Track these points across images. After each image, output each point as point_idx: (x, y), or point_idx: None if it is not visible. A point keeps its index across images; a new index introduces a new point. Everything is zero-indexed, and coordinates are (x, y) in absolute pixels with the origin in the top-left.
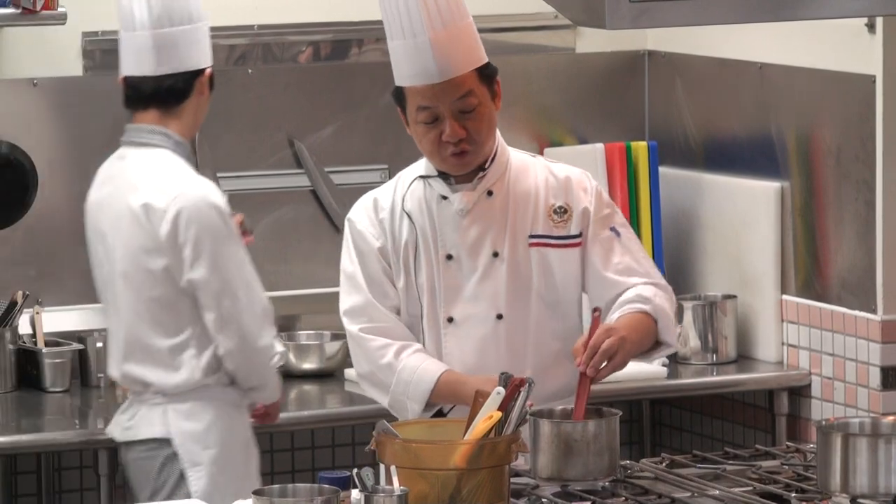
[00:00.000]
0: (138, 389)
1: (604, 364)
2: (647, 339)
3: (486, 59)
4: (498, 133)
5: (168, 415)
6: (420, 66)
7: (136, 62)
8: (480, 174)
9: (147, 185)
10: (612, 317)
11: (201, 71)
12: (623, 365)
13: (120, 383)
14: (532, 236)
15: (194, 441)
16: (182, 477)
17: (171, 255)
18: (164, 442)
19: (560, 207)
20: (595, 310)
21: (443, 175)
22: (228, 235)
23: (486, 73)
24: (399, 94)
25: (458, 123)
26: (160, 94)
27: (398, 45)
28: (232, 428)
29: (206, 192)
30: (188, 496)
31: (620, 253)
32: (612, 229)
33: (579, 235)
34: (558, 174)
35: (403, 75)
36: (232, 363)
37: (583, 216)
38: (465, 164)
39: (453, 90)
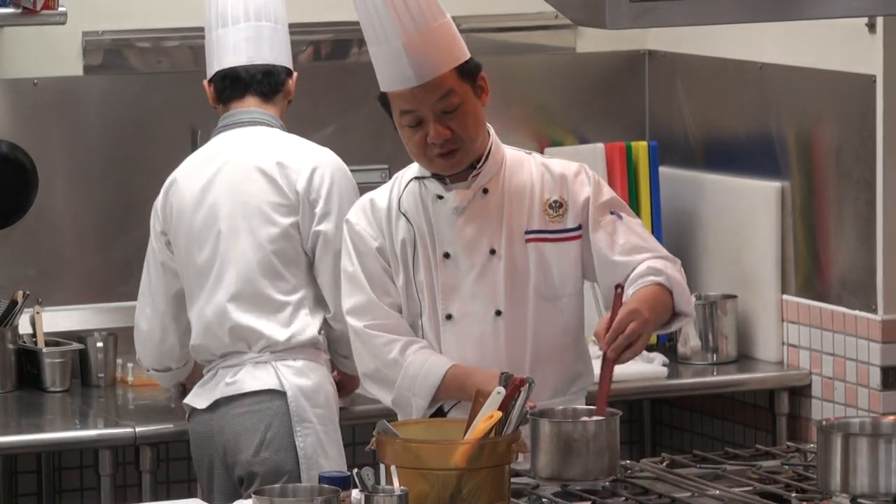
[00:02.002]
0: (241, 349)
1: (626, 347)
2: (664, 313)
3: (465, 57)
4: (492, 131)
5: (280, 370)
6: (397, 70)
7: (233, 54)
8: (475, 172)
9: (276, 148)
10: (627, 292)
11: (290, 73)
12: (643, 348)
13: (205, 354)
14: (528, 232)
15: (305, 397)
16: (290, 433)
17: (302, 211)
18: (276, 395)
19: (555, 202)
20: (617, 286)
21: (437, 175)
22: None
23: (467, 71)
24: (384, 99)
25: (441, 125)
26: (257, 81)
27: (375, 50)
28: (333, 393)
29: (338, 159)
30: (295, 452)
31: (625, 234)
32: (614, 213)
33: (578, 228)
34: (553, 169)
35: (384, 80)
36: (339, 325)
37: (582, 208)
38: (453, 164)
39: (433, 91)
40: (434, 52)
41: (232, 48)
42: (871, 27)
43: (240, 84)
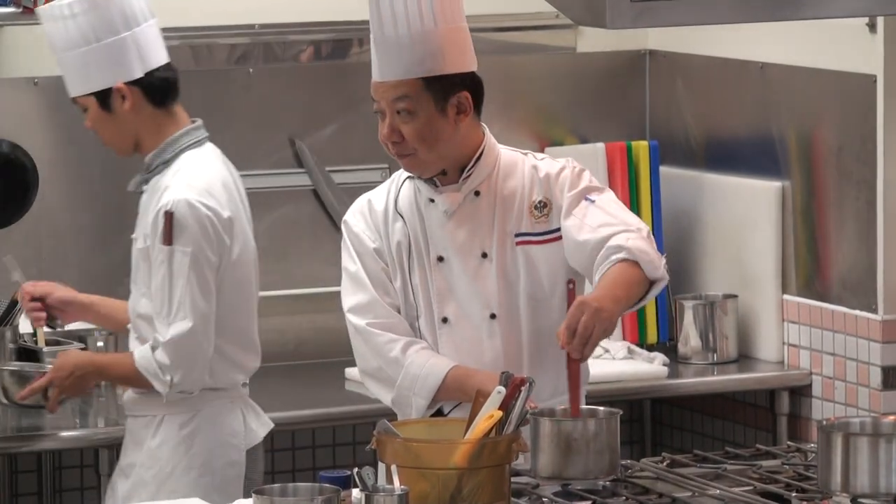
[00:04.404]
0: None
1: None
2: (635, 288)
3: (441, 71)
4: (487, 132)
5: None
6: (374, 62)
7: (161, 49)
8: (464, 175)
9: None
10: (595, 278)
11: None
12: (606, 335)
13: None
14: (518, 235)
15: None
16: None
17: None
18: None
19: (540, 202)
20: (569, 282)
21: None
22: None
23: (437, 84)
24: None
25: (392, 124)
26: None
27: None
28: None
29: None
30: None
31: (594, 215)
32: (586, 198)
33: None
34: (540, 169)
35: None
36: None
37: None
38: (410, 167)
39: (390, 90)
40: (401, 56)
41: (159, 43)
42: (872, 27)
43: (175, 86)
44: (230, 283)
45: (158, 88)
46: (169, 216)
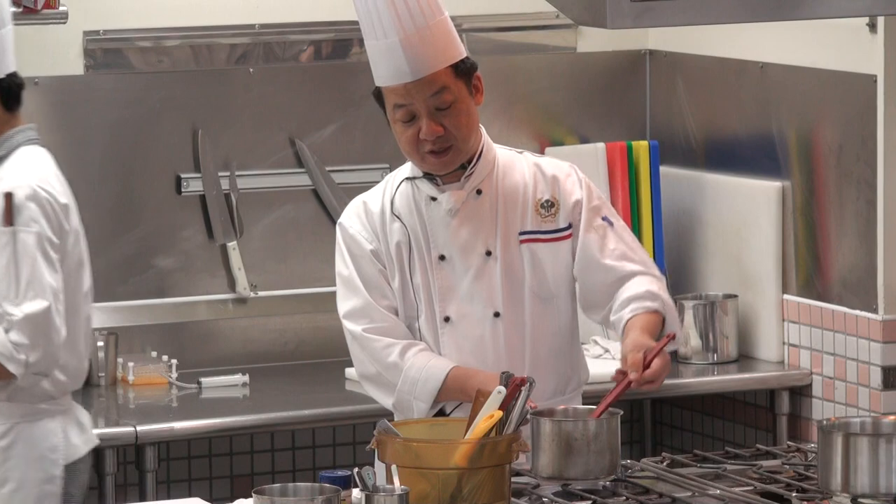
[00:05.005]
0: None
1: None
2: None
3: (461, 55)
4: (484, 131)
5: None
6: (393, 65)
7: (12, 55)
8: (467, 173)
9: None
10: (623, 313)
11: None
12: None
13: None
14: (522, 233)
15: None
16: None
17: None
18: None
19: (547, 201)
20: (671, 336)
21: (428, 175)
22: None
23: (463, 69)
24: (378, 94)
25: (434, 121)
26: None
27: (372, 45)
28: None
29: None
30: None
31: (615, 240)
32: (605, 219)
33: (568, 227)
34: (545, 168)
35: (380, 75)
36: None
37: (574, 208)
38: (445, 163)
39: (427, 87)
40: (430, 48)
41: (12, 50)
42: (872, 27)
43: (21, 94)
44: (63, 273)
45: (12, 94)
46: (8, 197)
